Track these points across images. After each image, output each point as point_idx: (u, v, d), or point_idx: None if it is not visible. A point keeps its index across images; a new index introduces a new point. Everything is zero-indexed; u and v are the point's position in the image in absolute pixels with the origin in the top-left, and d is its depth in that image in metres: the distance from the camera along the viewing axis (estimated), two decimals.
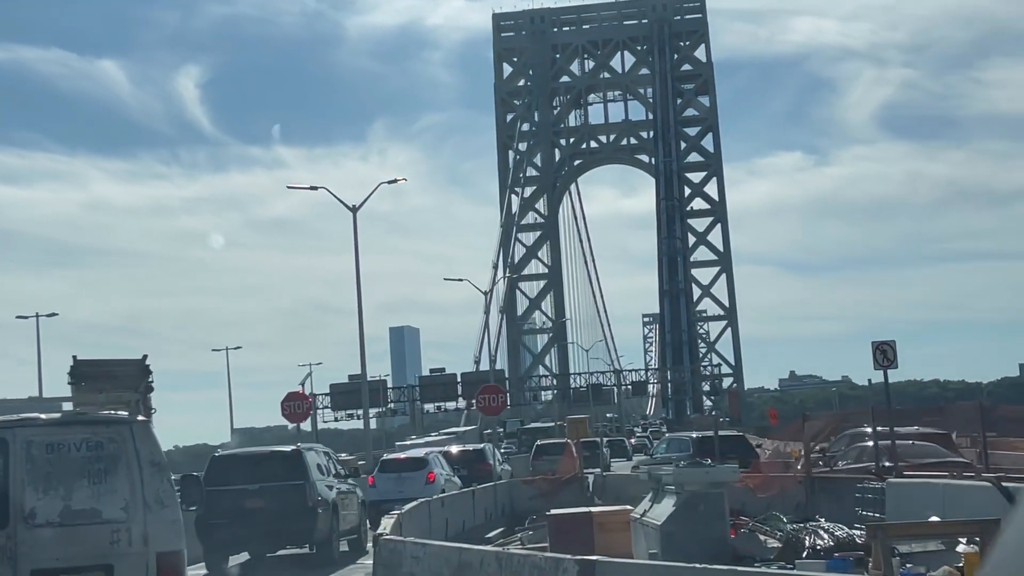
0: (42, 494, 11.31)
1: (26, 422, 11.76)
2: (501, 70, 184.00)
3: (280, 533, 26.30)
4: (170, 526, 11.55)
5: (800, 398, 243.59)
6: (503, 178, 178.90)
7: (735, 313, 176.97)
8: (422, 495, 33.12)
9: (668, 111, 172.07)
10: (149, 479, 11.53)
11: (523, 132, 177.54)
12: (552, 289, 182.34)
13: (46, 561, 11.21)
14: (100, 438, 11.56)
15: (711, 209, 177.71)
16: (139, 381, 14.35)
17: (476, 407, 37.50)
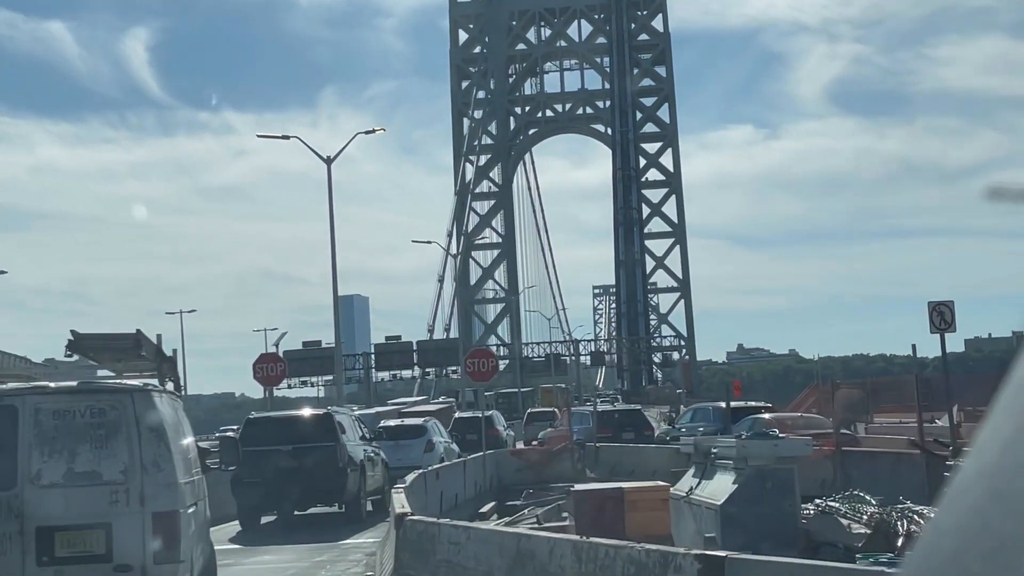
0: (47, 457, 11.87)
1: (35, 390, 12.32)
2: (457, 36, 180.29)
3: (312, 492, 27.66)
4: (165, 488, 12.01)
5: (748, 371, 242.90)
6: (457, 146, 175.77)
7: (688, 285, 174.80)
8: (421, 463, 32.69)
9: (625, 81, 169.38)
10: (147, 444, 12.02)
11: (478, 100, 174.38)
12: (505, 259, 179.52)
13: (50, 519, 11.77)
14: (103, 405, 12.08)
15: (666, 180, 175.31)
16: (133, 354, 14.48)
17: (465, 372, 34.64)
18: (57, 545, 11.83)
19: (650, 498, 21.80)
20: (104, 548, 11.86)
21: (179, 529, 12.08)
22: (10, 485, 11.80)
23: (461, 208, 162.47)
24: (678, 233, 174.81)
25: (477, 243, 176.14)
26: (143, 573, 11.86)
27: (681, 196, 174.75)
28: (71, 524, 11.81)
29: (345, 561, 21.61)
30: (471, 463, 34.37)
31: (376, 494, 30.40)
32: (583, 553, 11.91)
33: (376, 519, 27.76)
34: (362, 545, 23.86)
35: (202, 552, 13.95)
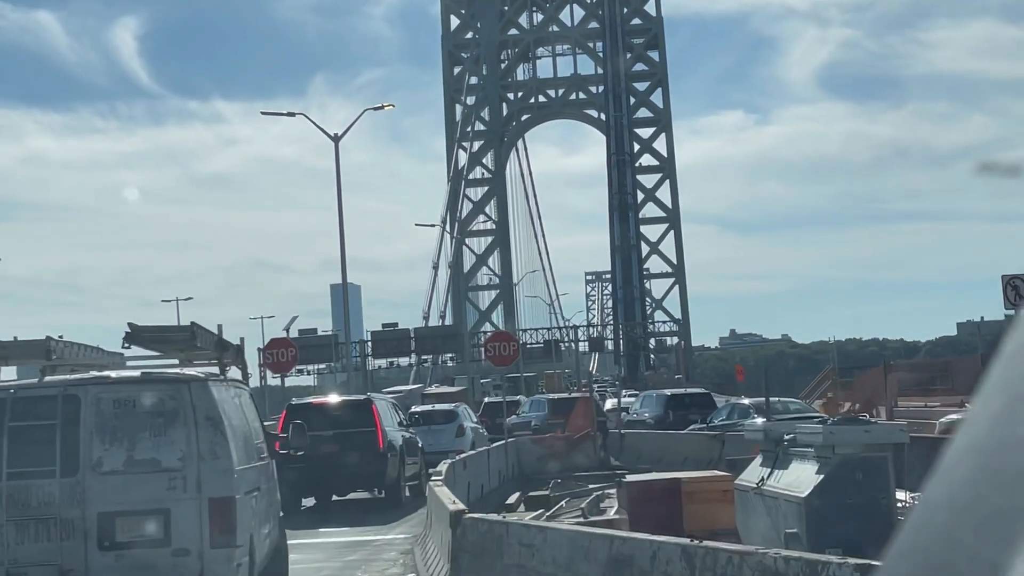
0: (108, 445, 12.20)
1: (97, 380, 12.67)
2: (448, 22, 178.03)
3: (353, 477, 28.08)
4: (221, 475, 12.28)
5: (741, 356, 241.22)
6: (450, 132, 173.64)
7: (683, 270, 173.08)
8: (453, 447, 33.99)
9: (618, 65, 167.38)
10: (204, 432, 12.27)
11: (471, 86, 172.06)
12: (499, 246, 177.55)
13: (111, 505, 12.08)
14: (161, 395, 12.37)
15: (659, 165, 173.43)
16: (190, 345, 14.67)
17: (485, 357, 32.90)
18: (118, 530, 12.12)
19: (710, 489, 20.01)
20: (162, 533, 12.13)
21: (235, 514, 12.29)
22: (73, 472, 12.12)
23: (454, 195, 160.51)
24: (672, 218, 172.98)
25: (471, 230, 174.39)
26: (200, 557, 12.10)
27: (675, 181, 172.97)
28: (131, 510, 12.12)
29: (380, 560, 19.83)
30: (494, 451, 32.63)
31: (414, 479, 30.60)
32: (697, 559, 10.09)
33: (418, 503, 27.54)
34: (395, 542, 22.11)
35: (268, 536, 14.07)
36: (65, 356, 14.76)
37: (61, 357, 14.55)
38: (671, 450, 34.38)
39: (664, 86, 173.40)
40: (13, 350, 14.94)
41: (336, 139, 43.89)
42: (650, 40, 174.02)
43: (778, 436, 17.70)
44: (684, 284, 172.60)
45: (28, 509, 12.07)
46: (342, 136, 43.96)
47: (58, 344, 14.62)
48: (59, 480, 12.14)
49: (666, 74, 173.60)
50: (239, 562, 12.47)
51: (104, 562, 12.11)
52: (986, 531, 1.04)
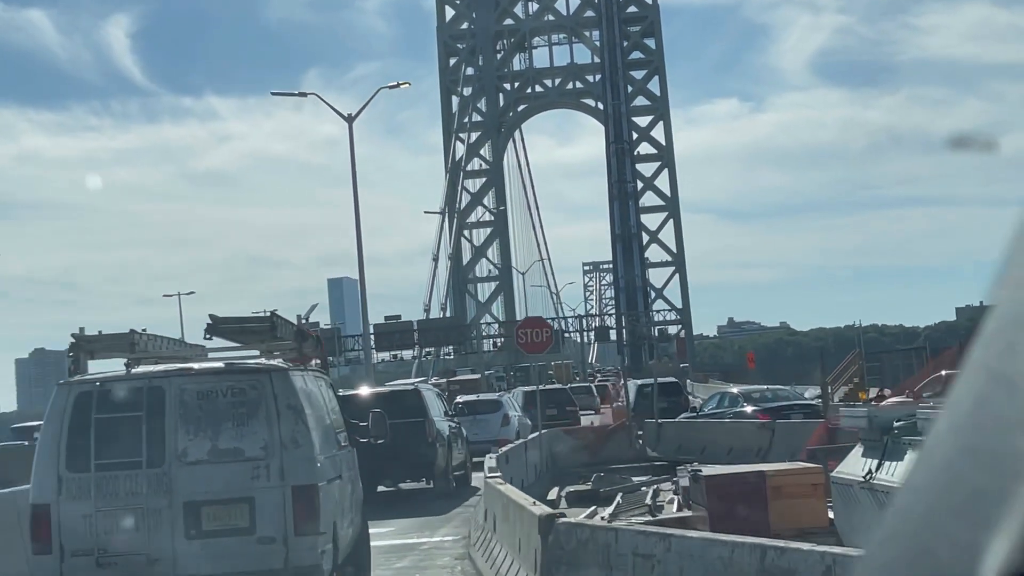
0: (193, 435, 12.27)
1: (180, 372, 12.70)
2: (443, 13, 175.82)
3: (402, 467, 27.54)
4: (304, 463, 12.29)
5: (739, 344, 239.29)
6: (447, 124, 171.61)
7: (683, 259, 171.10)
8: (498, 436, 34.36)
9: (615, 53, 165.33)
10: (285, 421, 12.29)
11: (467, 76, 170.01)
12: (498, 236, 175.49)
13: (197, 494, 12.18)
14: (243, 385, 12.44)
15: (658, 154, 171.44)
16: (270, 335, 14.74)
17: (516, 344, 30.86)
18: (203, 519, 12.19)
19: (799, 483, 17.93)
20: (247, 521, 12.20)
21: (318, 502, 12.32)
22: (159, 462, 12.18)
23: (453, 186, 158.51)
24: (671, 206, 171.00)
25: (469, 221, 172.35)
26: (284, 544, 12.13)
27: (674, 169, 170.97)
28: (216, 499, 12.19)
29: (434, 568, 17.75)
30: (530, 443, 30.60)
31: (459, 469, 30.54)
32: None
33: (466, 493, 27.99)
34: (443, 545, 20.08)
35: (351, 523, 14.05)
36: (148, 349, 14.73)
37: (144, 350, 14.49)
38: (714, 440, 32.32)
39: (661, 73, 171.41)
40: (98, 344, 14.88)
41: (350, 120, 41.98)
42: (646, 28, 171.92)
43: (886, 423, 15.63)
44: (684, 273, 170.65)
45: (116, 499, 12.14)
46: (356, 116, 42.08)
47: (141, 337, 14.62)
48: (146, 471, 12.23)
49: (663, 61, 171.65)
50: (323, 549, 12.45)
51: (191, 550, 12.15)
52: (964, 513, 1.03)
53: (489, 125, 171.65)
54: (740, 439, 31.04)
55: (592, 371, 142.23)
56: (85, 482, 12.18)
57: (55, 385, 12.82)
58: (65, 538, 12.11)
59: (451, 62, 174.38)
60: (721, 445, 31.61)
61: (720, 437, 32.29)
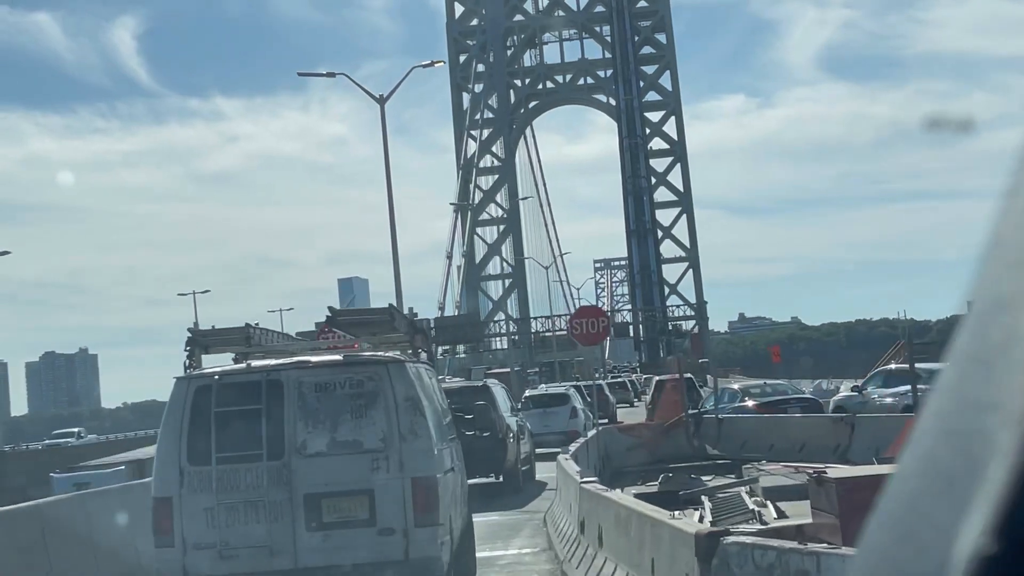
0: (311, 428, 12.23)
1: (298, 365, 12.67)
2: (452, 9, 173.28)
3: (472, 463, 27.12)
4: (423, 454, 12.23)
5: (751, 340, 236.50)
6: (458, 121, 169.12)
7: (697, 254, 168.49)
8: (567, 428, 35.69)
9: (627, 48, 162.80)
10: (404, 413, 12.18)
11: (478, 73, 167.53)
12: (511, 234, 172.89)
13: (316, 486, 12.10)
14: (360, 377, 12.34)
15: (670, 149, 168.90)
16: (387, 327, 14.48)
17: (571, 335, 28.39)
18: (324, 511, 12.07)
19: None
20: (368, 513, 12.07)
21: (437, 493, 12.22)
22: (279, 455, 12.11)
23: (465, 183, 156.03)
24: (684, 202, 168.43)
25: (482, 218, 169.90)
26: (405, 536, 12.00)
27: (686, 164, 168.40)
28: (336, 491, 12.07)
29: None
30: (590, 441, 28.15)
31: (525, 464, 30.15)
32: None
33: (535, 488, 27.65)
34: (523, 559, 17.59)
35: (460, 515, 13.82)
36: (263, 343, 14.50)
37: (259, 344, 14.33)
38: (783, 436, 29.79)
39: (672, 68, 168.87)
40: (214, 338, 14.77)
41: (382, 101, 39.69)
42: (656, 22, 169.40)
43: None
44: (698, 268, 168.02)
45: (237, 492, 12.06)
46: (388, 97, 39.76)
47: (256, 331, 14.51)
48: (266, 463, 12.12)
49: (674, 56, 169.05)
50: (442, 540, 12.29)
51: (312, 542, 12.04)
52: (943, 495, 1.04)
53: (500, 122, 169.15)
54: (814, 434, 28.55)
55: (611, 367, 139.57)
56: (206, 475, 12.11)
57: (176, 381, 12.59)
58: (187, 531, 12.04)
59: (461, 59, 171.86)
60: (792, 441, 29.12)
61: (790, 432, 29.77)
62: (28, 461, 54.70)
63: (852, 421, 27.34)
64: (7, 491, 34.72)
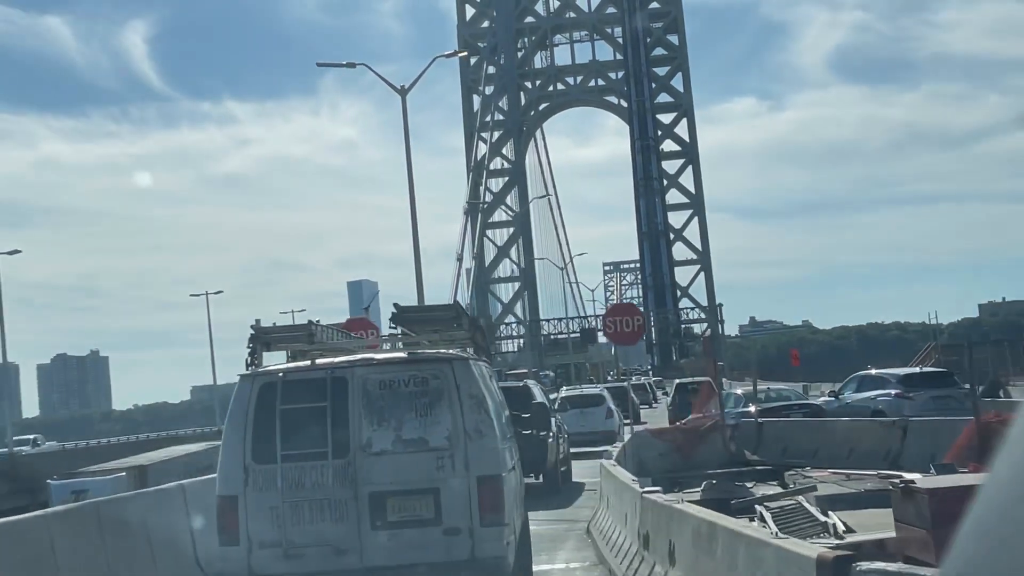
0: (376, 426, 11.97)
1: (362, 362, 12.38)
2: (463, 11, 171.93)
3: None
4: (489, 453, 12.00)
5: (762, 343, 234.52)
6: (468, 123, 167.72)
7: (708, 257, 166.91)
8: (603, 428, 37.51)
9: (639, 49, 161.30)
10: (469, 411, 12.03)
11: (488, 75, 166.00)
12: (521, 236, 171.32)
13: (381, 485, 11.84)
14: (425, 375, 12.14)
15: (682, 151, 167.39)
16: (454, 324, 14.32)
17: (605, 334, 26.85)
18: (389, 510, 11.92)
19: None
20: (433, 512, 11.89)
21: (503, 493, 12.04)
22: (344, 453, 11.95)
23: (475, 185, 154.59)
24: (696, 204, 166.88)
25: (492, 221, 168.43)
26: (471, 536, 11.85)
27: (698, 166, 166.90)
28: (401, 489, 11.90)
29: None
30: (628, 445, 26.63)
31: (563, 464, 29.76)
32: None
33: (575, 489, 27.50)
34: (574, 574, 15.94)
35: (519, 515, 13.72)
36: (325, 340, 14.34)
37: (321, 341, 14.19)
38: (828, 441, 28.11)
39: (684, 70, 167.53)
40: (277, 335, 14.64)
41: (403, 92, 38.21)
42: (669, 24, 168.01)
43: None
44: (710, 271, 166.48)
45: (302, 490, 11.89)
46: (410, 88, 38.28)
47: (318, 328, 14.46)
48: (331, 462, 11.94)
49: (686, 58, 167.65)
50: (508, 540, 12.08)
51: (377, 541, 11.89)
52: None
53: (511, 124, 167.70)
54: (863, 439, 26.89)
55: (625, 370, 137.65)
56: (271, 473, 11.92)
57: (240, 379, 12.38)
58: (252, 529, 11.86)
59: (471, 61, 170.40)
60: (839, 446, 27.47)
61: (837, 437, 28.09)
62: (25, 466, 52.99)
63: (904, 425, 25.68)
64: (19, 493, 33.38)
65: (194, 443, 35.25)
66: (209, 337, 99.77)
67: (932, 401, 33.39)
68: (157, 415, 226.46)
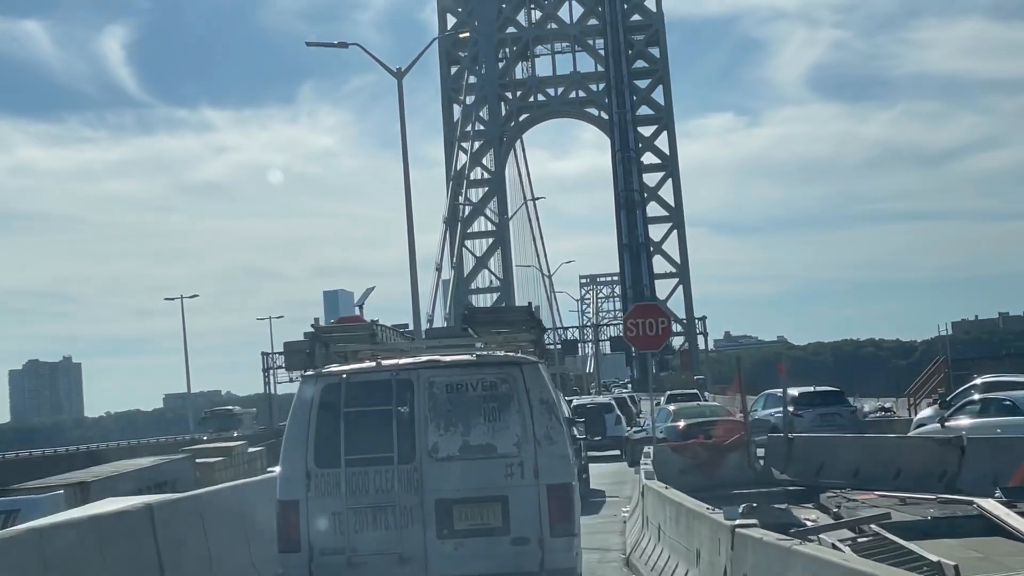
0: (443, 431, 11.56)
1: (429, 364, 11.91)
2: (445, 20, 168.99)
3: None
4: (559, 460, 11.56)
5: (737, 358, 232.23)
6: (448, 133, 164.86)
7: (687, 270, 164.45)
8: (612, 434, 40.26)
9: (621, 61, 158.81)
10: (539, 417, 11.61)
11: (469, 85, 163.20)
12: (500, 247, 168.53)
13: (448, 491, 11.43)
14: (493, 379, 11.72)
15: (662, 164, 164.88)
16: (526, 326, 13.85)
17: (625, 337, 23.88)
18: (455, 517, 11.45)
19: None
20: (501, 521, 11.41)
21: (573, 501, 11.58)
22: (409, 459, 11.54)
23: (455, 195, 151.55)
24: (675, 217, 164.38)
25: (471, 232, 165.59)
26: (540, 546, 11.32)
27: (678, 179, 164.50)
28: (468, 497, 11.43)
29: None
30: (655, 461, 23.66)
31: (583, 471, 28.98)
32: None
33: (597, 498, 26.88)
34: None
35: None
36: (385, 341, 13.95)
37: (382, 342, 13.92)
38: (872, 459, 25.09)
39: (665, 83, 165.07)
40: (338, 335, 14.35)
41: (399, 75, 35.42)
42: (651, 36, 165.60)
43: None
44: (688, 284, 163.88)
45: (366, 496, 11.35)
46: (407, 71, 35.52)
47: (379, 328, 14.75)
48: (396, 467, 11.39)
49: (667, 70, 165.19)
50: (577, 551, 11.57)
51: (443, 550, 11.30)
52: None
53: (491, 134, 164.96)
54: (913, 458, 23.93)
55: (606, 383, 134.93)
56: (335, 478, 11.42)
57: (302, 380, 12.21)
58: (314, 536, 11.39)
59: (452, 71, 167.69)
60: (884, 466, 24.52)
61: (881, 455, 25.12)
62: None
63: (961, 444, 22.74)
64: None
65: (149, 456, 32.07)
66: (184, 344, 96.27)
67: (819, 418, 36.04)
68: (130, 422, 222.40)
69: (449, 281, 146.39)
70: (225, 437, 58.30)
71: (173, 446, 50.49)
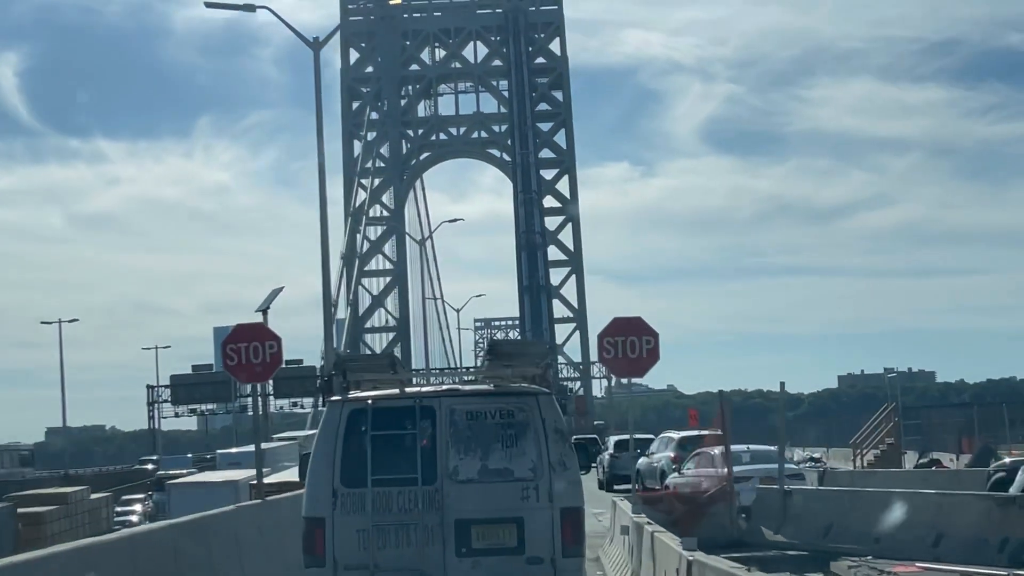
0: (463, 455, 12.14)
1: (450, 392, 12.61)
2: (348, 55, 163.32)
3: None
4: (572, 485, 12.10)
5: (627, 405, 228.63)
6: (348, 169, 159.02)
7: (584, 316, 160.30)
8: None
9: (524, 102, 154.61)
10: (553, 444, 12.12)
11: (371, 121, 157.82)
12: (396, 285, 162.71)
13: (468, 512, 11.95)
14: (511, 407, 12.26)
15: (562, 207, 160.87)
16: (543, 359, 13.81)
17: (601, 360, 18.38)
18: (474, 537, 11.92)
19: None
20: (516, 541, 11.86)
21: (584, 525, 12.19)
22: (432, 480, 12.04)
23: (353, 232, 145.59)
24: (574, 262, 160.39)
25: (368, 269, 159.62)
26: (553, 566, 11.77)
27: (578, 224, 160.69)
28: (486, 518, 11.95)
29: None
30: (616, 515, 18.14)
31: None
32: None
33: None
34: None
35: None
36: (400, 372, 14.16)
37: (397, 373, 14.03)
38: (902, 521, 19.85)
39: (568, 127, 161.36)
40: (360, 364, 14.19)
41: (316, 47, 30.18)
42: (554, 80, 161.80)
43: None
44: (586, 330, 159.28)
45: (390, 515, 11.89)
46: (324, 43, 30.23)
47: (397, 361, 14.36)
48: (420, 488, 11.98)
49: (570, 114, 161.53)
50: (584, 572, 12.13)
51: (461, 568, 11.78)
52: None
53: (392, 171, 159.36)
54: (960, 521, 18.63)
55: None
56: (360, 497, 11.92)
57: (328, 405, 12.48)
58: (339, 552, 11.78)
59: (354, 106, 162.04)
60: (918, 528, 19.22)
61: (915, 516, 19.75)
62: None
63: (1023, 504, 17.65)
64: None
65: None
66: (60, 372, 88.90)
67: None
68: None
69: (344, 320, 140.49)
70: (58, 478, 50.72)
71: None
